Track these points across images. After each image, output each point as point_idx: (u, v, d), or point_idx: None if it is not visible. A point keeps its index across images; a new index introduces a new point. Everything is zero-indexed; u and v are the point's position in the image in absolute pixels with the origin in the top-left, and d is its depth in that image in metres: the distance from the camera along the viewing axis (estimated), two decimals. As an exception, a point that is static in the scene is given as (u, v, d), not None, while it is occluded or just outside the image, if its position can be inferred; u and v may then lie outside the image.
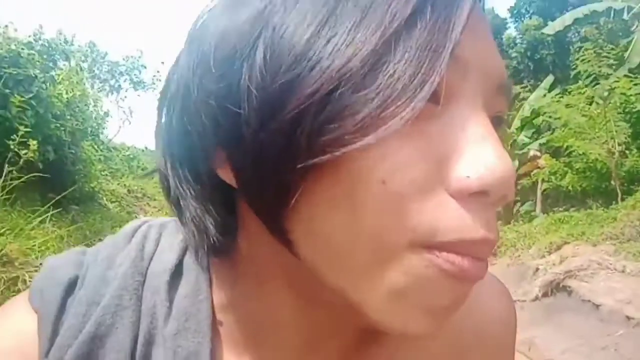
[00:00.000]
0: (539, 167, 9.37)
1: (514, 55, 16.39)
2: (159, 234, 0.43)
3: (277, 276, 0.37)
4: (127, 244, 0.42)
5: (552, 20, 12.21)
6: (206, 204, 0.36)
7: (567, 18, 10.67)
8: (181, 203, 0.37)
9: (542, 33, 13.27)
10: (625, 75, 7.98)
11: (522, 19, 17.19)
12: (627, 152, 7.92)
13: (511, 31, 17.57)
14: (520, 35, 16.69)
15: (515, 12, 17.71)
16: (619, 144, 7.65)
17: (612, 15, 10.21)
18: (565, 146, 8.38)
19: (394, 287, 0.30)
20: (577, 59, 8.80)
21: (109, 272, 0.40)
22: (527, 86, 14.57)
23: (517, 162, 9.50)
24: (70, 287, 0.40)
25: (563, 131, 8.57)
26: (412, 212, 0.29)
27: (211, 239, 0.36)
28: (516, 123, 10.22)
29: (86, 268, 0.41)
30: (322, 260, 0.32)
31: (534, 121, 9.98)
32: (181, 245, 0.42)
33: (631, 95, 7.58)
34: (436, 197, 0.29)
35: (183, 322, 0.38)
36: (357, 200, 0.29)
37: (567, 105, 8.63)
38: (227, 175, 0.33)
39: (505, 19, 17.92)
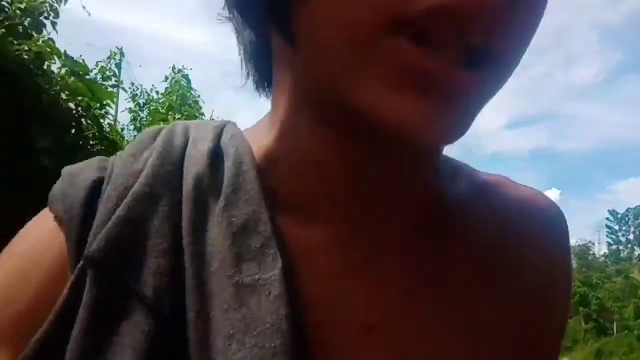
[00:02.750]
0: None
1: None
2: (186, 129, 0.41)
3: (309, 114, 0.36)
4: (152, 142, 0.40)
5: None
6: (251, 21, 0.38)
7: None
8: (241, 34, 0.40)
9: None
10: None
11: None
12: None
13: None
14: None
15: None
16: None
17: None
18: None
19: (379, 76, 0.29)
20: None
21: (136, 165, 0.38)
22: None
23: None
24: (96, 188, 0.37)
25: None
26: None
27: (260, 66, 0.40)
28: None
29: (111, 169, 0.38)
30: (317, 59, 0.32)
31: None
32: (216, 131, 0.40)
33: None
34: None
35: (231, 194, 0.36)
36: None
37: None
38: None
39: None
